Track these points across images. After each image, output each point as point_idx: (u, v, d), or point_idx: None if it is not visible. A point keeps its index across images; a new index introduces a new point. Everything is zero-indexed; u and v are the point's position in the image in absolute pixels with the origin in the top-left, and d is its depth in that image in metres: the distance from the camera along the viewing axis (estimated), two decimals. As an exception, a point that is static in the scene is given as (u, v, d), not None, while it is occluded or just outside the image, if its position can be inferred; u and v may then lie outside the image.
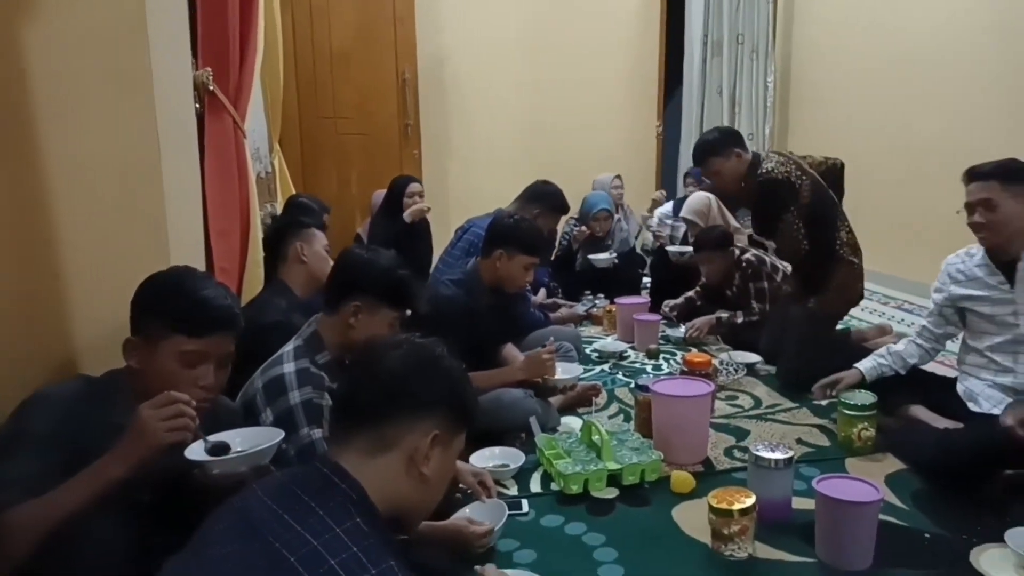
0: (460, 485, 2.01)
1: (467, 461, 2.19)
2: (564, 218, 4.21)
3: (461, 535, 1.79)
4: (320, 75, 5.25)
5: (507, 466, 2.28)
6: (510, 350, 2.80)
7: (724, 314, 3.62)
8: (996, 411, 2.20)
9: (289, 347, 1.95)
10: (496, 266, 2.72)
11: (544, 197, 3.67)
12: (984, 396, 2.33)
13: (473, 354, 2.55)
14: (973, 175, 2.32)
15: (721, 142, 3.16)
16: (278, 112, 4.05)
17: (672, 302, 3.94)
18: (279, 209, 3.64)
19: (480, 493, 1.95)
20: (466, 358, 2.46)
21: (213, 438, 1.43)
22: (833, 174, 3.20)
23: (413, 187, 4.18)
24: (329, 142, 5.32)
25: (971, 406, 2.35)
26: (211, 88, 2.49)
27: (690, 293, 3.95)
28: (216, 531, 1.11)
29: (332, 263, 2.20)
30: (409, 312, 2.04)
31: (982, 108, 4.20)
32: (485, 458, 2.31)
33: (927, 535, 1.97)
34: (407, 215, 4.02)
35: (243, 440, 1.55)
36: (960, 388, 2.42)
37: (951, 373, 2.58)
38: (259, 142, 3.67)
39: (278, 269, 2.57)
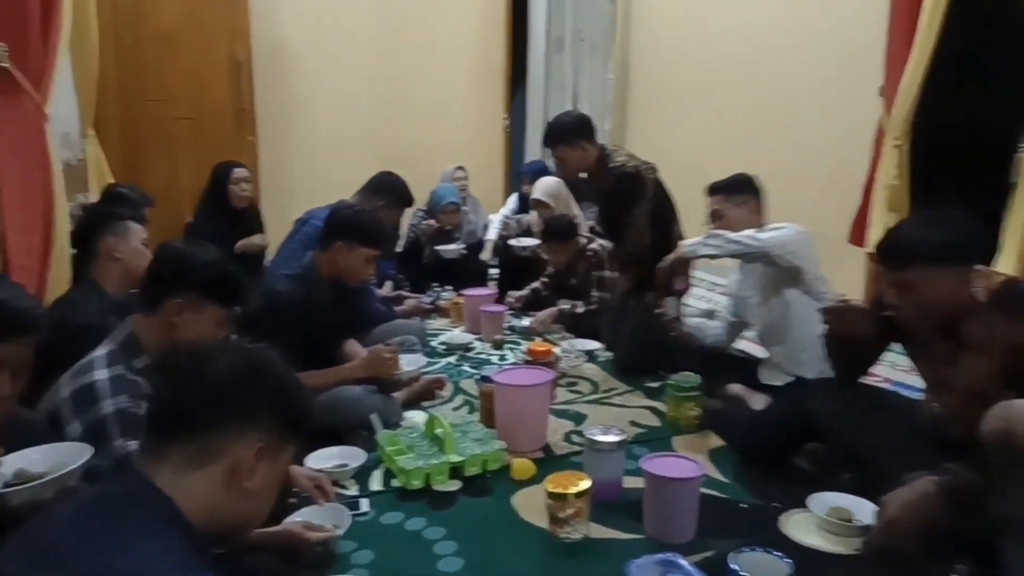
0: (295, 489, 1.94)
1: (303, 463, 2.11)
2: (410, 210, 4.18)
3: (295, 541, 1.73)
4: (146, 55, 4.88)
5: (347, 466, 2.23)
6: (352, 346, 2.74)
7: (566, 305, 3.74)
8: (776, 383, 2.59)
9: (100, 352, 1.79)
10: (336, 259, 2.65)
11: (388, 189, 3.61)
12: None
13: (312, 351, 2.48)
14: (710, 190, 2.89)
15: (571, 132, 3.22)
16: (92, 93, 3.71)
17: (517, 293, 4.02)
18: (94, 200, 3.34)
19: (317, 497, 1.89)
20: (305, 355, 2.40)
21: (10, 461, 1.29)
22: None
23: (238, 173, 3.98)
24: (155, 127, 4.96)
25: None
26: (5, 65, 2.24)
27: (536, 284, 4.04)
28: (10, 561, 0.99)
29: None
30: (239, 309, 1.93)
31: (811, 106, 4.55)
32: (324, 458, 2.24)
33: (743, 505, 2.14)
34: (234, 202, 3.84)
35: (45, 458, 1.42)
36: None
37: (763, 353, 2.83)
38: (68, 126, 3.34)
39: (89, 266, 2.35)
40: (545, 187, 4.12)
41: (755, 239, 2.52)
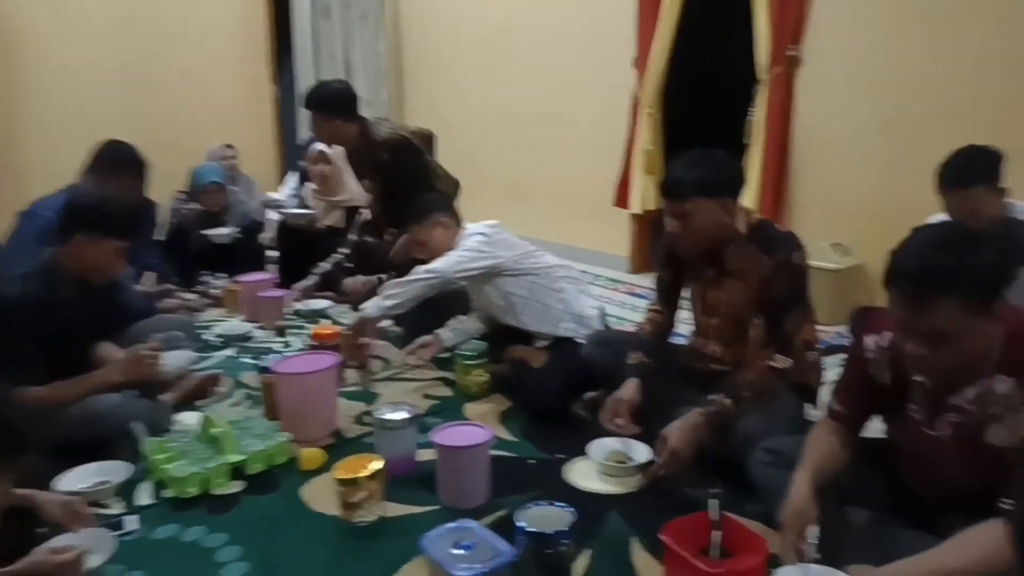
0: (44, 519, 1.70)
1: (50, 488, 1.86)
2: (169, 192, 3.81)
3: (45, 569, 1.52)
4: None
5: (107, 483, 2.00)
6: (106, 349, 2.44)
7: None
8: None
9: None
10: (78, 253, 2.33)
11: (120, 161, 3.06)
12: None
13: (60, 359, 2.18)
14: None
15: (329, 105, 3.15)
16: None
17: (301, 285, 3.74)
18: None
19: (70, 524, 1.68)
20: (51, 364, 2.10)
21: None
22: (426, 143, 3.41)
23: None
24: None
25: None
26: None
27: (326, 265, 3.77)
28: None
29: None
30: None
31: (576, 78, 4.73)
32: (79, 478, 1.99)
33: (531, 461, 2.23)
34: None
35: None
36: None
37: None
38: None
39: None
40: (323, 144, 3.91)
41: (433, 272, 2.57)
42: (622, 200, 4.49)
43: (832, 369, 2.23)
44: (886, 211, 3.26)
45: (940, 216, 2.41)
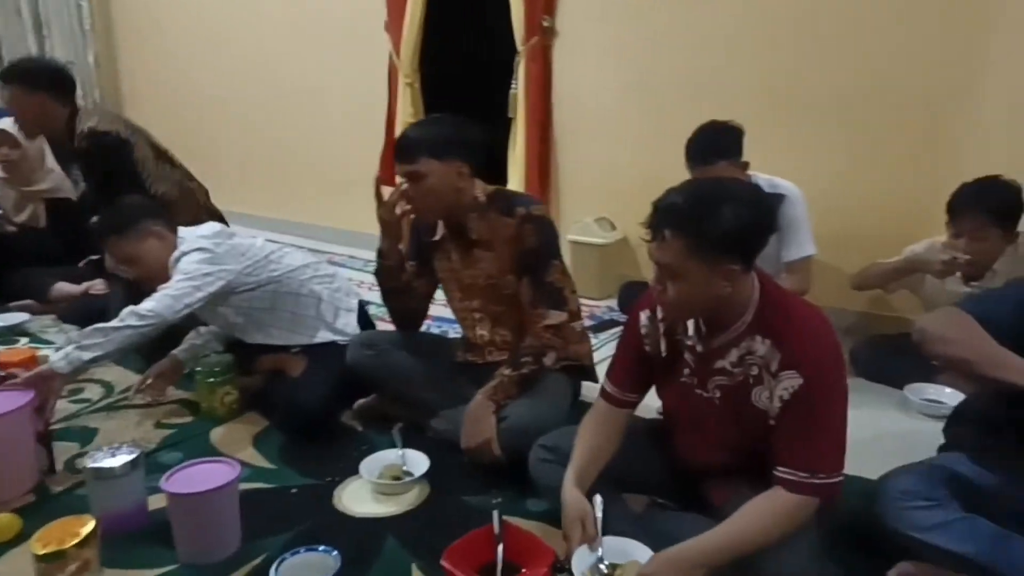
0: None
1: None
2: None
3: None
4: None
5: None
6: None
7: None
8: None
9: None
10: None
11: None
12: None
13: None
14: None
15: (40, 80, 2.71)
16: None
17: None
18: None
19: None
20: None
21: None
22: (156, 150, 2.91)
23: None
24: None
25: None
26: None
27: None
28: None
29: None
30: None
31: (330, 44, 4.33)
32: None
33: (294, 489, 1.93)
34: None
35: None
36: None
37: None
38: None
39: None
40: (7, 123, 3.21)
41: (146, 317, 2.00)
42: (388, 176, 4.21)
43: (606, 345, 2.20)
44: (649, 183, 3.26)
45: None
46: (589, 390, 2.14)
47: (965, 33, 2.61)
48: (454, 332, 2.58)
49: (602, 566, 1.39)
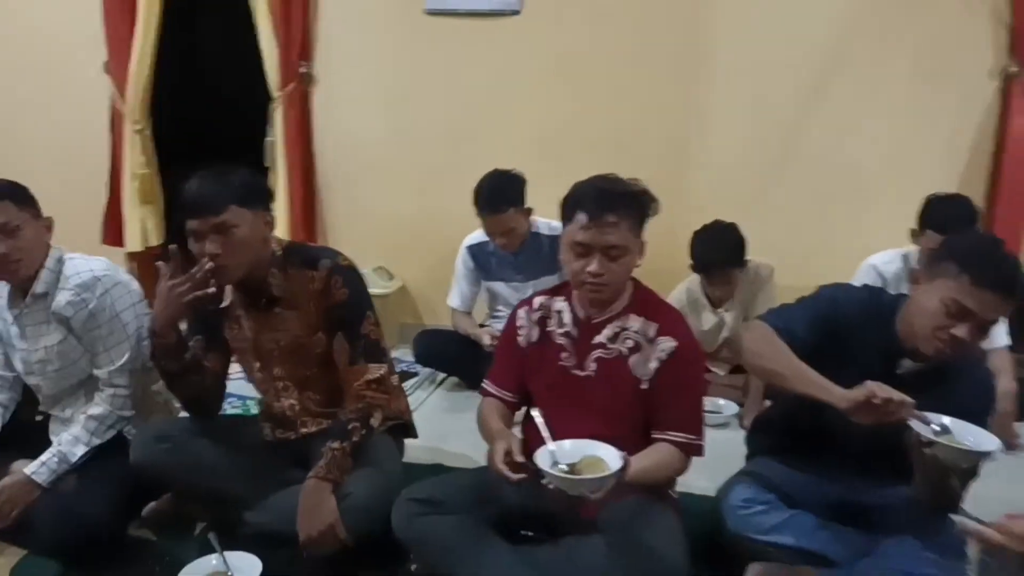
0: None
1: None
2: None
3: None
4: None
5: None
6: None
7: None
8: None
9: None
10: None
11: None
12: None
13: None
14: None
15: None
16: None
17: None
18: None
19: None
20: None
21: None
22: None
23: None
24: None
25: None
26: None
27: None
28: None
29: None
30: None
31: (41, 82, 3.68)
32: None
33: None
34: None
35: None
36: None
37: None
38: None
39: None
40: None
41: None
42: (113, 236, 3.69)
43: (409, 397, 2.14)
44: (423, 230, 3.33)
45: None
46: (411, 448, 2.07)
47: (687, 87, 3.02)
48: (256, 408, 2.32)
49: (561, 464, 1.42)
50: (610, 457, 1.41)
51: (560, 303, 1.70)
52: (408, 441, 2.06)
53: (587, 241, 1.53)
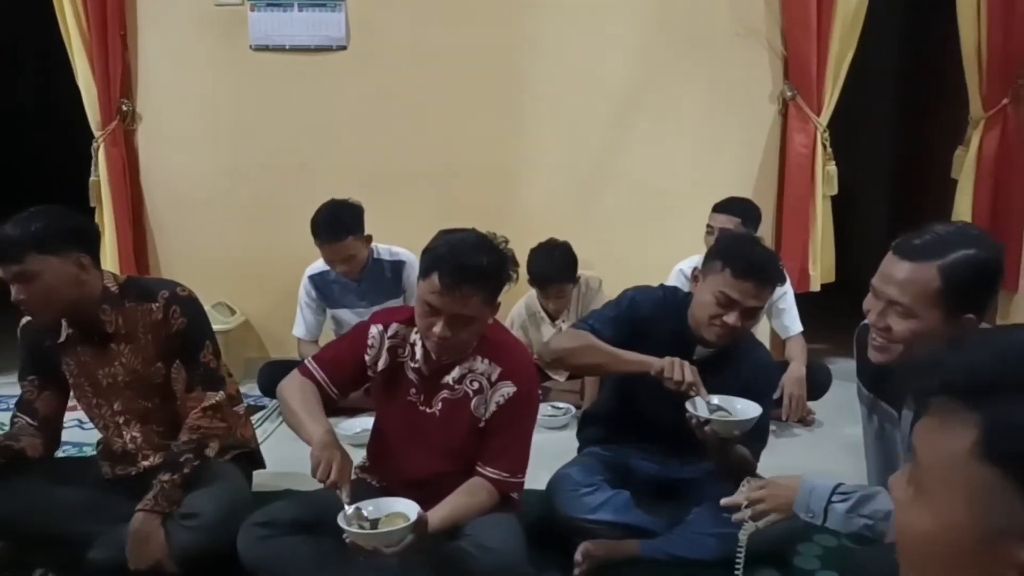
0: None
1: None
2: None
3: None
4: None
5: None
6: None
7: None
8: None
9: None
10: None
11: None
12: None
13: None
14: None
15: None
16: None
17: None
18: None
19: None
20: None
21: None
22: None
23: None
24: None
25: None
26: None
27: None
28: None
29: None
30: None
31: None
32: None
33: None
34: None
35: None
36: None
37: None
38: None
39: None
40: None
41: None
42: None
43: (258, 428, 2.15)
44: (260, 263, 3.31)
45: None
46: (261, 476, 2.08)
47: (508, 119, 3.23)
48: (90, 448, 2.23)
49: (365, 512, 1.44)
50: (412, 513, 1.43)
51: (415, 335, 1.68)
52: (258, 472, 2.08)
53: (438, 306, 1.52)
